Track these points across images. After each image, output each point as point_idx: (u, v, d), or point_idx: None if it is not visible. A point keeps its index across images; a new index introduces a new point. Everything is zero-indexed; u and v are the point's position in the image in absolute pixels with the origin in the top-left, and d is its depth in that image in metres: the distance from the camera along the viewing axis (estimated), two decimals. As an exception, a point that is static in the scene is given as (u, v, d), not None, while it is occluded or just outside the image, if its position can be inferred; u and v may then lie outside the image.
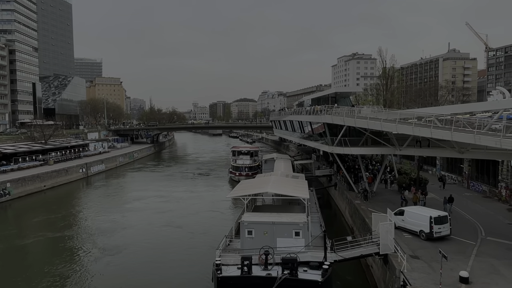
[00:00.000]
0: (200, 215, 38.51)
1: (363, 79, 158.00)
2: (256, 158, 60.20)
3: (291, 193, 24.83)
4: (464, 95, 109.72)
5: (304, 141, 50.72)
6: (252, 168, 56.67)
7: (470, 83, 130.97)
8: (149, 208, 41.87)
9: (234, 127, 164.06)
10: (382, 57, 74.48)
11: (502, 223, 25.82)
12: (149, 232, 32.69)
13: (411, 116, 28.39)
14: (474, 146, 24.16)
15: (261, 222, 21.66)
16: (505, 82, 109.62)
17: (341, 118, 32.42)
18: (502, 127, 20.73)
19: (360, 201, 32.62)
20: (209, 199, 45.85)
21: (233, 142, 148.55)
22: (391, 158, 43.29)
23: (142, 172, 71.79)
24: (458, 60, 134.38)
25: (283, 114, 62.01)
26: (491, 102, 29.73)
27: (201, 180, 60.94)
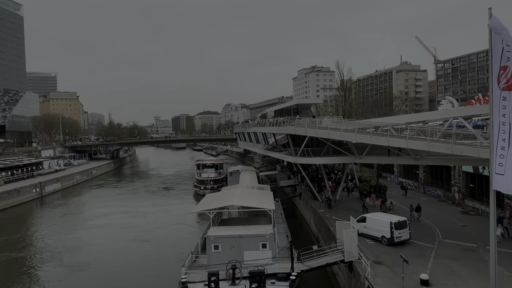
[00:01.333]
0: (166, 229, 37.59)
1: (322, 91, 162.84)
2: (221, 170, 59.66)
3: (256, 204, 24.74)
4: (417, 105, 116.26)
5: (268, 152, 50.99)
6: (217, 181, 56.02)
7: (422, 93, 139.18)
8: (114, 224, 40.67)
9: (198, 140, 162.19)
10: (339, 70, 77.44)
11: (457, 225, 27.25)
12: (116, 248, 31.82)
13: (369, 126, 29.52)
14: (428, 153, 25.49)
15: (227, 236, 21.34)
16: (453, 92, 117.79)
17: (303, 129, 32.99)
18: (452, 134, 22.06)
19: (324, 209, 33.13)
20: (175, 213, 44.86)
21: (197, 155, 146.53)
22: (352, 166, 44.52)
23: (103, 189, 68.80)
24: (410, 72, 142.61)
25: (247, 126, 62.20)
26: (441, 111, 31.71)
27: (166, 195, 59.61)
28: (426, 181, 39.88)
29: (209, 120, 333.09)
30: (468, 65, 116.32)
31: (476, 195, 31.42)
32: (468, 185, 32.45)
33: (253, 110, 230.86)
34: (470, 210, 31.41)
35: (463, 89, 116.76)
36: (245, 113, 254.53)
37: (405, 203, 33.40)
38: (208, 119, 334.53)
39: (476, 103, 42.64)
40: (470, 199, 31.97)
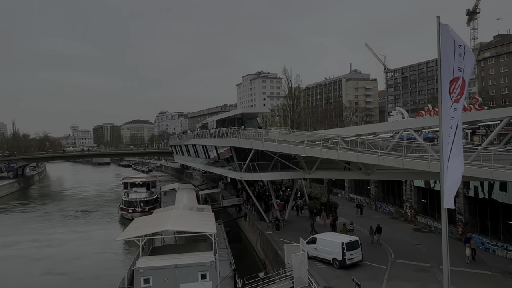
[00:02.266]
0: (87, 260, 35.73)
1: (269, 99, 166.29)
2: (153, 190, 57.77)
3: (195, 228, 24.29)
4: (367, 116, 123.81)
5: (209, 167, 50.51)
6: (149, 202, 54.12)
7: (372, 103, 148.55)
8: (23, 255, 38.41)
9: (126, 154, 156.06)
10: (287, 77, 79.79)
11: (409, 244, 29.05)
12: (27, 284, 30.09)
13: (319, 138, 30.62)
14: (379, 167, 27.03)
15: (160, 267, 20.62)
16: (403, 102, 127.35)
17: (248, 141, 33.27)
18: (403, 147, 23.68)
19: (272, 231, 33.44)
20: (97, 241, 42.61)
21: (125, 172, 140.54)
22: (301, 182, 45.70)
23: (5, 214, 62.99)
24: (359, 81, 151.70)
25: (184, 138, 61.27)
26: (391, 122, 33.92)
27: (86, 219, 56.56)
28: (378, 197, 42.21)
29: (140, 131, 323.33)
30: (418, 75, 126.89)
31: (428, 211, 33.88)
32: (420, 201, 34.92)
33: (192, 120, 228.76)
34: (422, 227, 33.73)
35: (413, 100, 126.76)
36: (182, 123, 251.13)
37: (361, 223, 34.66)
38: (139, 130, 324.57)
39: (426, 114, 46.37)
40: (422, 215, 34.36)
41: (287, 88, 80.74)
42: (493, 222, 26.66)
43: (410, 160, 22.49)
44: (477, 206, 27.96)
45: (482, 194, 26.78)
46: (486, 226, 27.19)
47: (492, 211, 26.53)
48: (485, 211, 27.18)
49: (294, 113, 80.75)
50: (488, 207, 26.78)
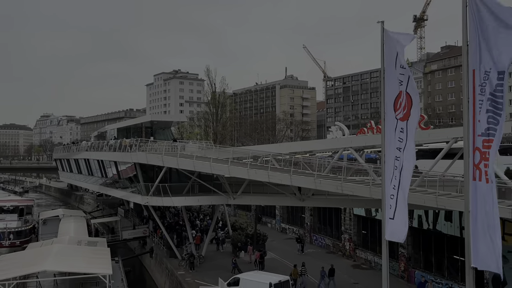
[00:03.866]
0: None
1: (188, 105, 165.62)
2: (28, 217, 53.96)
3: (84, 269, 23.32)
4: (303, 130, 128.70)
5: (106, 189, 48.63)
6: (21, 233, 50.30)
7: (310, 116, 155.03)
8: None
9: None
10: (210, 79, 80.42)
11: (347, 283, 30.42)
12: None
13: (246, 155, 31.15)
14: (316, 192, 28.17)
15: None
16: (344, 117, 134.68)
17: (159, 157, 32.80)
18: (343, 169, 24.98)
19: (185, 271, 33.06)
20: None
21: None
22: (223, 209, 45.89)
23: None
24: (296, 89, 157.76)
25: (74, 150, 58.42)
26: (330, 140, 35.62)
27: None
28: (313, 227, 43.79)
29: (13, 138, 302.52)
30: (360, 85, 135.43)
31: (368, 244, 35.88)
32: (360, 232, 36.90)
33: (86, 126, 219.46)
34: (362, 263, 35.59)
35: (355, 114, 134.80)
36: (73, 130, 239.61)
37: (311, 265, 33.98)
38: (12, 137, 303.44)
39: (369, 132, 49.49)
40: (362, 249, 36.29)
41: (210, 93, 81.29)
42: (437, 256, 29.01)
43: (349, 185, 23.77)
44: (421, 238, 30.26)
45: (426, 224, 29.09)
46: (430, 261, 29.48)
47: (437, 244, 28.89)
48: (429, 244, 29.50)
49: (218, 123, 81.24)
50: (433, 239, 29.11)
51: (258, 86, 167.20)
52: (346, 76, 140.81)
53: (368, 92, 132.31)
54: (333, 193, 26.34)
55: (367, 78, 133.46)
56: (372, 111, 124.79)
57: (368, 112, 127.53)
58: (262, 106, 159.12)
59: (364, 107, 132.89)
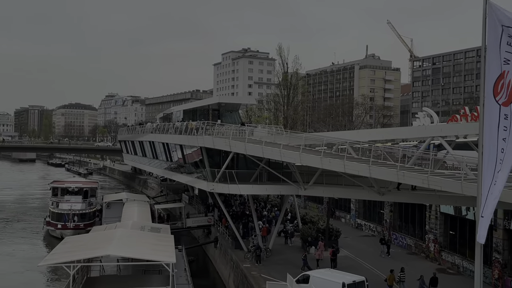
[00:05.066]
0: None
1: (257, 87, 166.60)
2: (92, 200, 57.30)
3: (147, 255, 24.25)
4: (385, 116, 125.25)
5: (171, 173, 50.28)
6: (85, 216, 53.64)
7: (392, 100, 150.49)
8: None
9: (58, 149, 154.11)
10: (282, 58, 79.93)
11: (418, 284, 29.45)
12: None
13: (320, 142, 30.84)
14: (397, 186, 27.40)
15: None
16: (433, 102, 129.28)
17: (226, 141, 33.26)
18: (430, 161, 24.04)
19: (251, 264, 33.49)
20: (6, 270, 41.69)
21: (55, 173, 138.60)
22: (293, 200, 45.97)
23: None
24: (377, 70, 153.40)
25: (139, 132, 60.89)
26: (417, 127, 34.47)
27: (2, 232, 56.01)
28: (393, 225, 42.75)
29: (79, 118, 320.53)
30: (453, 67, 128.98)
31: (456, 247, 34.49)
32: (447, 232, 35.54)
33: (151, 108, 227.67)
34: (448, 267, 34.32)
35: (446, 99, 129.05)
36: (137, 111, 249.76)
37: (385, 268, 32.40)
38: (77, 117, 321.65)
39: (462, 119, 47.26)
40: (449, 251, 34.97)
41: (282, 74, 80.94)
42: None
43: (437, 179, 22.86)
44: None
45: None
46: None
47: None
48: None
49: (289, 107, 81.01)
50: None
51: (334, 67, 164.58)
52: (436, 56, 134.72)
53: (462, 75, 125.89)
54: (418, 188, 25.49)
55: (460, 59, 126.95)
56: (466, 96, 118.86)
57: (461, 97, 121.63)
58: (339, 88, 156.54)
59: (457, 91, 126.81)
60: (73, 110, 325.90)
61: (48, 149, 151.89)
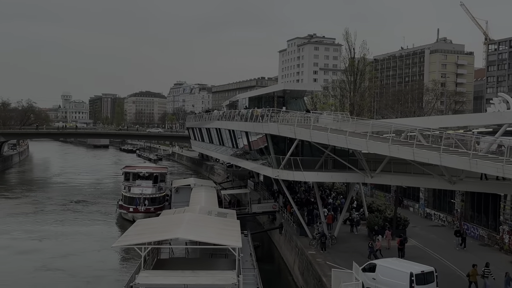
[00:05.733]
0: (72, 272, 37.09)
1: (323, 73, 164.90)
2: (162, 185, 59.18)
3: (215, 239, 24.78)
4: (457, 102, 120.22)
5: (236, 160, 50.95)
6: (156, 200, 55.54)
7: (465, 85, 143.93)
8: (14, 246, 43.72)
9: (129, 136, 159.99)
10: (349, 43, 78.49)
11: (503, 281, 28.17)
12: (20, 277, 35.18)
13: (388, 129, 30.11)
14: (470, 174, 26.32)
15: (166, 286, 21.38)
16: (509, 87, 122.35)
17: (291, 128, 33.28)
18: (506, 149, 22.86)
19: (316, 251, 33.48)
20: (84, 249, 44.29)
21: (127, 158, 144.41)
22: (359, 188, 45.36)
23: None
24: (449, 54, 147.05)
25: (206, 119, 62.07)
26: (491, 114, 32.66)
27: (74, 218, 58.76)
28: (465, 215, 41.18)
29: (149, 106, 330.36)
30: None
31: (534, 239, 32.72)
32: (524, 224, 33.77)
33: (217, 95, 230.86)
34: (524, 260, 32.65)
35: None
36: (204, 99, 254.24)
37: (463, 263, 31.05)
38: (147, 105, 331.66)
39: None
40: (525, 244, 33.24)
41: (348, 59, 79.56)
42: None
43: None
44: None
45: None
46: None
47: None
48: None
49: (355, 93, 79.62)
50: None
51: (403, 51, 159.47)
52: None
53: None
54: (492, 177, 24.37)
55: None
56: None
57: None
58: (408, 74, 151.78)
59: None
60: (144, 98, 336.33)
61: (119, 135, 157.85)
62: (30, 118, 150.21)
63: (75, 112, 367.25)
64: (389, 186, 52.13)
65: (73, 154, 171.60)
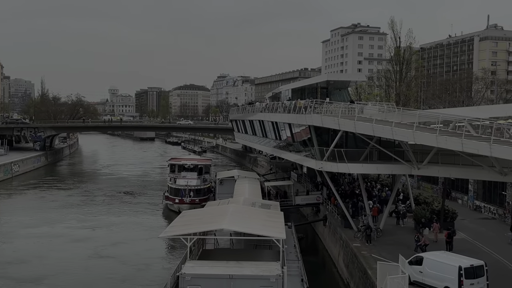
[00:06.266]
0: (113, 267, 38.13)
1: (367, 63, 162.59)
2: (206, 176, 59.98)
3: (258, 231, 24.91)
4: (508, 91, 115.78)
5: (279, 152, 51.00)
6: (200, 191, 56.34)
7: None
8: (68, 234, 45.91)
9: (175, 128, 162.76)
10: (395, 32, 76.98)
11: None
12: (74, 264, 37.25)
13: (435, 120, 29.46)
14: (522, 165, 25.41)
15: (211, 276, 21.63)
16: None
17: (335, 120, 33.05)
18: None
19: (361, 243, 33.27)
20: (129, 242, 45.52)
21: (172, 151, 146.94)
22: (405, 180, 44.60)
23: (24, 195, 69.59)
24: (500, 41, 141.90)
25: (249, 111, 62.33)
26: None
27: (122, 208, 60.58)
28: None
29: (193, 99, 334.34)
30: None
31: None
32: None
33: (260, 87, 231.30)
34: None
35: None
36: (247, 91, 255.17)
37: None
38: (191, 97, 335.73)
39: None
40: None
41: (394, 49, 78.08)
42: None
43: None
44: None
45: None
46: None
47: None
48: None
49: (401, 83, 78.09)
50: None
51: (451, 39, 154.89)
52: None
53: None
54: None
55: None
56: None
57: None
58: (456, 62, 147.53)
59: None
60: (188, 91, 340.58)
61: (166, 128, 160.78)
62: (79, 112, 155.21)
63: (122, 106, 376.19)
64: (436, 178, 50.99)
65: (120, 147, 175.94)
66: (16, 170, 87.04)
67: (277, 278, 21.22)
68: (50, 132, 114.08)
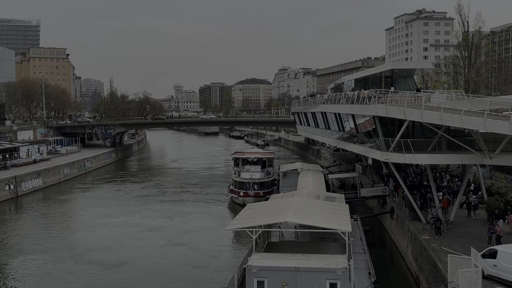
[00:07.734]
0: (186, 255, 39.41)
1: (433, 50, 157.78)
2: (270, 169, 60.39)
3: (323, 223, 24.85)
4: None
5: (343, 143, 50.54)
6: (264, 184, 56.83)
7: None
8: (142, 224, 48.81)
9: (237, 123, 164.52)
10: (462, 17, 73.93)
11: None
12: (149, 251, 39.93)
13: (508, 107, 28.26)
14: None
15: (278, 268, 21.82)
16: None
17: (400, 109, 32.43)
18: None
19: (430, 236, 32.49)
20: (199, 231, 47.07)
21: (236, 144, 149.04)
22: (476, 170, 43.12)
23: (98, 189, 73.00)
24: None
25: (311, 103, 62.08)
26: None
27: (191, 200, 62.85)
28: None
29: (255, 93, 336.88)
30: None
31: None
32: None
33: (322, 79, 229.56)
34: None
35: None
36: (309, 83, 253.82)
37: None
38: (253, 91, 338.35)
39: None
40: None
41: (461, 34, 75.04)
42: None
43: None
44: None
45: None
46: None
47: None
48: None
49: (470, 69, 74.95)
50: None
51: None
52: None
53: None
54: None
55: None
56: None
57: None
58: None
59: None
60: (250, 85, 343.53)
61: (228, 122, 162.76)
62: (146, 109, 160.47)
63: (186, 102, 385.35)
64: (510, 168, 48.71)
65: (186, 142, 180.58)
66: (89, 166, 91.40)
67: (343, 271, 21.11)
68: (119, 129, 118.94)
